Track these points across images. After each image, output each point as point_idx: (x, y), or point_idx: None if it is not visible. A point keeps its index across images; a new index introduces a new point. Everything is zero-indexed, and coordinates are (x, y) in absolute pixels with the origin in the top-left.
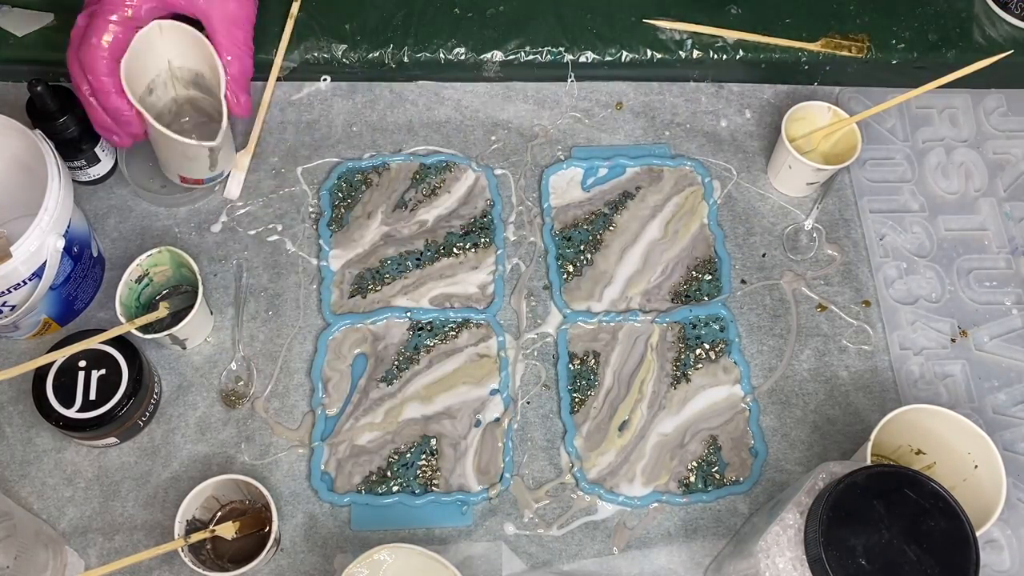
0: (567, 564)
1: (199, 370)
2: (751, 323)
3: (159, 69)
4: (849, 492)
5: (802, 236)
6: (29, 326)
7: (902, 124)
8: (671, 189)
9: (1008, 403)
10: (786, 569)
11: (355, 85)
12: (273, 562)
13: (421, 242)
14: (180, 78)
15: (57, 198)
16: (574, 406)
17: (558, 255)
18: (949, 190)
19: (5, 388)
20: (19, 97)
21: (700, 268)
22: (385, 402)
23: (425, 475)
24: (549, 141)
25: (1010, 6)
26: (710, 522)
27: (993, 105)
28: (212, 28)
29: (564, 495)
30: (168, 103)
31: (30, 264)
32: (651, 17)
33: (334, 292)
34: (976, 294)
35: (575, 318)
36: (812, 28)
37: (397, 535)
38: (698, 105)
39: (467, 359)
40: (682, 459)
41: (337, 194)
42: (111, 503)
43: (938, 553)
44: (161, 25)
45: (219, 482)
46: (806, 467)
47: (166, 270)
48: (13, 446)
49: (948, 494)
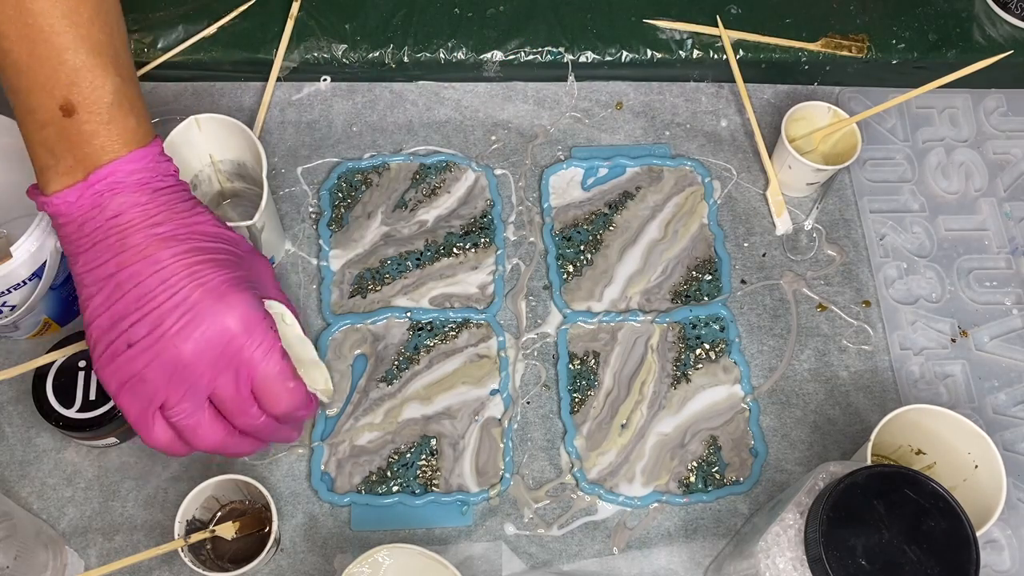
0: (567, 564)
1: None
2: (751, 323)
3: (202, 164)
4: (849, 492)
5: (802, 236)
6: (29, 326)
7: (902, 124)
8: (671, 189)
9: (1008, 403)
10: (786, 569)
11: (355, 85)
12: (273, 562)
13: (421, 242)
14: (223, 171)
15: None
16: (574, 406)
17: (558, 255)
18: (949, 190)
19: (5, 388)
20: None
21: (700, 268)
22: (385, 402)
23: (425, 475)
24: (549, 141)
25: (1010, 6)
26: (710, 522)
27: (993, 105)
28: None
29: (564, 495)
30: (214, 197)
31: (30, 264)
32: (651, 17)
33: (334, 292)
34: (976, 294)
35: (575, 318)
36: (812, 28)
37: (397, 535)
38: (698, 105)
39: (467, 359)
40: (682, 459)
41: (337, 194)
42: (111, 503)
43: (938, 553)
44: (199, 119)
45: (219, 482)
46: (806, 467)
47: None
48: (13, 446)
49: (948, 494)
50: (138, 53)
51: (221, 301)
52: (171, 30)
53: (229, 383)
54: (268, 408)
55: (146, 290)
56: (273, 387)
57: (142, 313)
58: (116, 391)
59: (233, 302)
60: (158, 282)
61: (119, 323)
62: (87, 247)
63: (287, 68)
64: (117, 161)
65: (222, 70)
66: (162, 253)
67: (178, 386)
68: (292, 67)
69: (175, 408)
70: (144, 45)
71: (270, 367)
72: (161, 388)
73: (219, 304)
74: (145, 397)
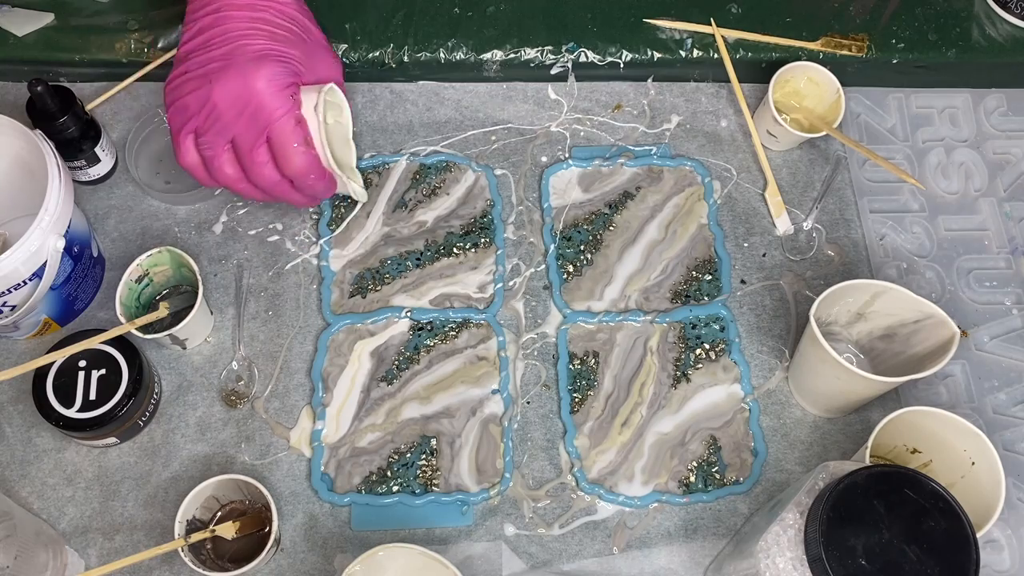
0: (567, 564)
1: (199, 370)
2: (751, 323)
3: None
4: (849, 492)
5: (802, 236)
6: (29, 326)
7: (902, 124)
8: (671, 189)
9: (1008, 403)
10: (786, 569)
11: (355, 85)
12: (273, 562)
13: (421, 242)
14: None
15: (57, 198)
16: (574, 406)
17: (558, 255)
18: (949, 190)
19: (5, 388)
20: (19, 97)
21: (700, 268)
22: (386, 402)
23: (425, 475)
24: (549, 141)
25: (1010, 6)
26: (710, 522)
27: (993, 105)
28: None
29: (564, 495)
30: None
31: (30, 264)
32: (651, 17)
33: (334, 292)
34: (976, 294)
35: (575, 318)
36: (812, 27)
37: (397, 535)
38: (698, 105)
39: (467, 359)
40: (682, 459)
41: (337, 194)
42: (111, 503)
43: (938, 553)
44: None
45: (219, 482)
46: (806, 467)
47: (166, 270)
48: (13, 446)
49: (948, 494)
50: (138, 53)
51: (254, 63)
52: (171, 30)
53: (247, 135)
54: (281, 166)
55: (209, 37)
56: (285, 146)
57: (199, 53)
58: (167, 107)
59: (264, 67)
60: (220, 33)
61: (186, 57)
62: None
63: None
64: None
65: None
66: (237, 12)
67: (207, 119)
68: None
69: (202, 138)
70: (144, 45)
71: (284, 127)
72: (194, 116)
73: (251, 65)
74: (182, 119)
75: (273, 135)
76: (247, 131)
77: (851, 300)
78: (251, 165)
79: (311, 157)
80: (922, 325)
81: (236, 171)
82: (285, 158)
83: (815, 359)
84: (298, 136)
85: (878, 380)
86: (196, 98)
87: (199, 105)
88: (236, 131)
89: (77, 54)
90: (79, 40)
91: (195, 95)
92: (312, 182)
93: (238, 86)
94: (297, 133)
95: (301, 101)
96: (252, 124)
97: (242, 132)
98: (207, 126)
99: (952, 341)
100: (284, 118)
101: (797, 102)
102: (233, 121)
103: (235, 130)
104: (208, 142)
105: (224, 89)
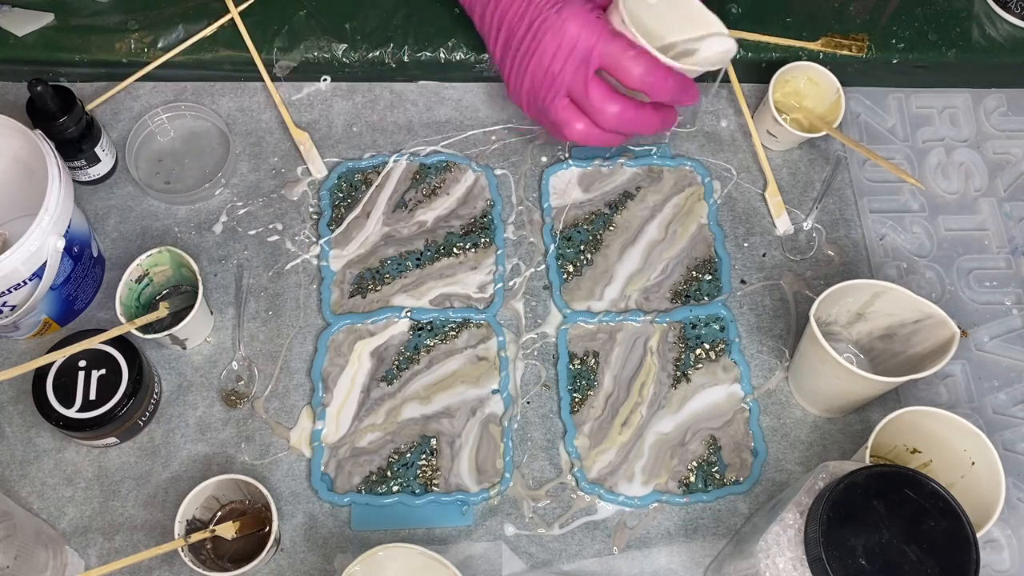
0: (567, 564)
1: (199, 370)
2: (751, 323)
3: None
4: (849, 492)
5: (801, 236)
6: (29, 326)
7: (902, 124)
8: (671, 189)
9: (1008, 403)
10: (786, 569)
11: (355, 85)
12: (273, 562)
13: (421, 242)
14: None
15: (57, 198)
16: (574, 406)
17: (558, 255)
18: (949, 190)
19: (5, 388)
20: (19, 97)
21: (700, 268)
22: (386, 402)
23: (425, 475)
24: (549, 141)
25: (1010, 6)
26: (710, 522)
27: (993, 105)
28: None
29: (564, 495)
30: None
31: (30, 264)
32: None
33: (334, 292)
34: (976, 294)
35: (575, 318)
36: (812, 27)
37: (397, 535)
38: (698, 105)
39: (467, 359)
40: (682, 459)
41: (337, 194)
42: (111, 503)
43: (938, 553)
44: None
45: (219, 482)
46: (806, 467)
47: (166, 270)
48: (13, 446)
49: (948, 494)
50: (138, 53)
51: (559, 16)
52: (171, 30)
53: (579, 82)
54: (625, 82)
55: (513, 30)
56: (619, 61)
57: (509, 42)
58: (525, 110)
59: (567, 14)
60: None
61: (502, 59)
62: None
63: (287, 68)
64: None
65: (222, 70)
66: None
67: (542, 88)
68: (292, 67)
69: (551, 105)
70: (144, 45)
71: (608, 48)
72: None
73: (558, 18)
74: (535, 104)
75: (603, 62)
76: (576, 77)
77: (851, 300)
78: (591, 111)
79: (646, 59)
80: (922, 325)
81: (586, 124)
82: (624, 72)
83: (815, 359)
84: (625, 44)
85: (878, 380)
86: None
87: (541, 79)
88: (571, 86)
89: (77, 54)
90: (79, 40)
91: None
92: (659, 81)
93: (554, 44)
94: (625, 43)
95: (610, 20)
96: (581, 66)
97: (575, 84)
98: (551, 95)
99: (952, 341)
100: (601, 40)
101: (797, 102)
102: (563, 69)
103: (570, 85)
104: (559, 107)
105: (546, 51)
